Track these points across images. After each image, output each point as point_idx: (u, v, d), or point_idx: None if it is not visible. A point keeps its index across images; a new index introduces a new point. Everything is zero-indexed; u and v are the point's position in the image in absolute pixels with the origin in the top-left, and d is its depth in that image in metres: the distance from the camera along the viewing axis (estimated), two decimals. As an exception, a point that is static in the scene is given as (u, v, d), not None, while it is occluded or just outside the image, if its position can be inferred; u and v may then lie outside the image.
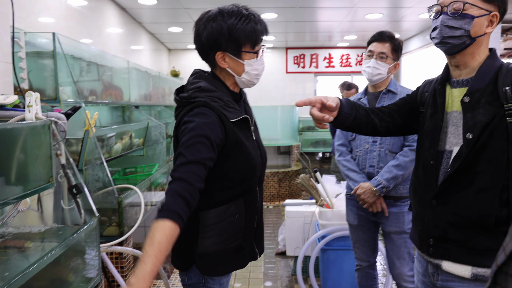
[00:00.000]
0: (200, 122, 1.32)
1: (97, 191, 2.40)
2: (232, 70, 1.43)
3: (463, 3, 1.31)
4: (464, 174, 1.32)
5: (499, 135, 1.26)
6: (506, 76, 1.28)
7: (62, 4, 3.20)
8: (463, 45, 1.34)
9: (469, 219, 1.31)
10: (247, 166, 1.43)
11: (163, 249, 1.15)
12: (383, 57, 2.25)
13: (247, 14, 1.39)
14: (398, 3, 4.82)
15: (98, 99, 2.89)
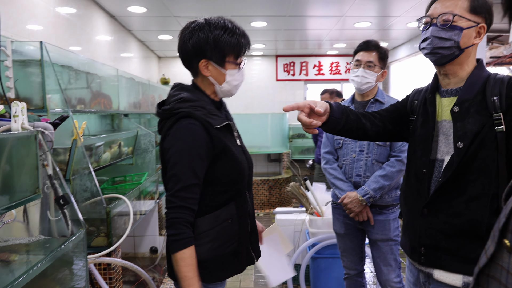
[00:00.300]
0: (187, 139, 1.36)
1: (85, 201, 2.37)
2: (214, 78, 1.47)
3: (452, 15, 1.34)
4: (456, 183, 1.33)
5: (489, 144, 1.28)
6: (494, 87, 1.31)
7: (50, 12, 3.18)
8: (452, 55, 1.37)
9: (461, 228, 1.32)
10: (236, 170, 1.46)
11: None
12: (370, 66, 2.27)
13: (232, 27, 1.44)
14: (386, 12, 4.87)
15: (86, 108, 2.86)
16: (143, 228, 3.96)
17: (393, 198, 2.31)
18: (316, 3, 4.45)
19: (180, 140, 1.36)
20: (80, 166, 2.31)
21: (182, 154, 1.36)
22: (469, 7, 1.35)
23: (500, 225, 0.73)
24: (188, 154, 1.35)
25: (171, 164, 1.37)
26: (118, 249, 2.60)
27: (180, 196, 1.35)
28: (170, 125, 1.40)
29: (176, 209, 1.35)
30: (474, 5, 1.35)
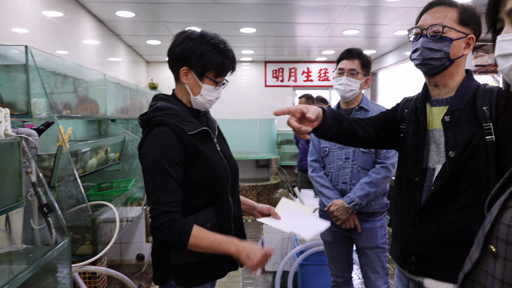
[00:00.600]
0: (159, 146, 1.41)
1: (70, 208, 2.33)
2: (190, 88, 1.51)
3: (442, 26, 1.36)
4: (447, 192, 1.34)
5: (479, 153, 1.30)
6: (484, 97, 1.33)
7: (36, 16, 3.14)
8: (443, 66, 1.39)
9: (452, 236, 1.33)
10: (211, 175, 1.48)
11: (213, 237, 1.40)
12: (353, 74, 2.29)
13: (222, 47, 1.49)
14: (374, 20, 4.92)
15: (72, 113, 2.82)
16: (130, 235, 3.91)
17: (379, 206, 2.32)
18: (305, 11, 4.47)
19: (152, 148, 1.41)
20: (65, 173, 2.28)
21: (157, 161, 1.40)
22: (458, 18, 1.37)
23: (485, 232, 0.74)
24: (162, 159, 1.39)
25: (147, 173, 1.42)
26: (104, 257, 2.56)
27: (163, 202, 1.38)
28: (145, 134, 1.45)
29: (161, 215, 1.37)
30: (463, 17, 1.37)
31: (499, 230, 0.70)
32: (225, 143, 1.68)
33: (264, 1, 4.04)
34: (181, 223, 1.37)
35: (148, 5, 4.16)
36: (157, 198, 1.38)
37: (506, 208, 0.71)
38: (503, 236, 0.69)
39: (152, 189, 1.40)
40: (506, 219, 0.69)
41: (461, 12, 1.37)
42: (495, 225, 0.72)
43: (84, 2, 4.08)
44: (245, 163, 7.52)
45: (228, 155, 1.62)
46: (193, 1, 4.03)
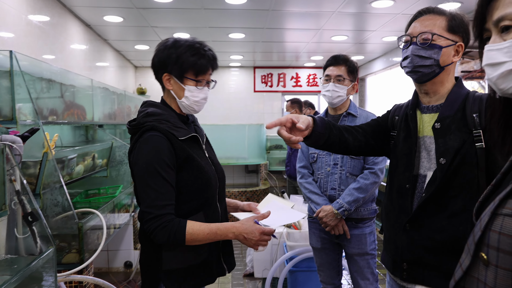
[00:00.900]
0: (151, 150, 1.42)
1: (56, 216, 2.28)
2: (174, 92, 1.54)
3: (431, 34, 1.38)
4: (438, 199, 1.35)
5: (469, 160, 1.31)
6: (474, 104, 1.34)
7: (21, 20, 3.09)
8: (433, 73, 1.40)
9: (443, 243, 1.33)
10: (201, 179, 1.49)
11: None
12: (340, 80, 2.30)
13: (198, 47, 1.51)
14: (362, 26, 4.96)
15: (59, 119, 2.78)
16: (118, 242, 3.86)
17: (368, 212, 2.32)
18: (294, 17, 4.49)
19: (145, 151, 1.42)
20: (51, 180, 2.23)
21: (149, 164, 1.40)
22: (447, 26, 1.39)
23: (476, 239, 0.74)
24: (155, 163, 1.40)
25: (140, 177, 1.42)
26: (91, 266, 2.51)
27: (157, 205, 1.38)
28: (136, 139, 1.46)
29: (155, 219, 1.37)
30: (451, 25, 1.39)
31: (490, 238, 0.70)
32: (212, 151, 1.71)
33: (252, 7, 4.05)
34: (175, 223, 1.38)
35: (136, 10, 4.13)
36: (151, 202, 1.39)
37: (496, 215, 0.71)
38: (494, 244, 0.69)
39: (146, 193, 1.40)
40: (497, 226, 0.69)
41: (450, 20, 1.39)
42: (486, 232, 0.72)
43: (71, 7, 4.04)
44: (234, 168, 7.49)
45: (216, 162, 1.64)
46: (181, 6, 4.02)
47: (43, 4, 3.49)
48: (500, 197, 0.71)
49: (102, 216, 2.42)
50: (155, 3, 3.88)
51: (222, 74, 7.88)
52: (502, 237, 0.67)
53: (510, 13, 0.73)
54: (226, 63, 7.60)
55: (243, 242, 1.44)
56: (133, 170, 1.47)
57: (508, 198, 0.70)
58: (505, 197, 0.70)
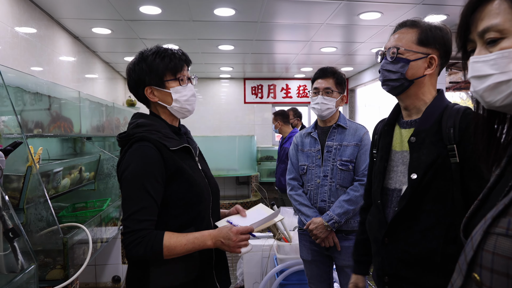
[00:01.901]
0: (139, 161, 1.37)
1: (40, 231, 2.23)
2: (162, 101, 1.50)
3: (396, 48, 1.40)
4: (412, 213, 1.35)
5: (443, 174, 1.30)
6: (450, 117, 1.33)
7: (7, 32, 3.06)
8: (402, 87, 1.42)
9: (418, 257, 1.33)
10: (193, 192, 1.44)
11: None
12: (328, 92, 2.31)
13: (163, 49, 1.50)
14: (351, 38, 5.00)
15: (44, 132, 2.74)
16: (105, 256, 3.78)
17: (358, 223, 2.31)
18: (283, 28, 4.51)
19: (133, 162, 1.37)
20: (35, 194, 2.18)
21: (135, 176, 1.35)
22: (417, 39, 1.40)
23: (468, 259, 0.71)
24: (142, 175, 1.35)
25: (125, 187, 1.38)
26: (76, 282, 2.45)
27: (135, 219, 1.33)
28: (125, 150, 1.41)
29: (131, 233, 1.32)
30: (421, 38, 1.40)
31: (483, 258, 0.68)
32: (206, 164, 1.66)
33: (241, 19, 4.06)
34: (151, 236, 1.32)
35: (124, 22, 4.12)
36: (130, 215, 1.33)
37: (489, 234, 0.68)
38: (488, 264, 0.66)
39: (128, 205, 1.35)
40: (490, 246, 0.67)
41: (421, 33, 1.40)
42: (479, 252, 0.69)
43: (59, 19, 4.01)
44: (225, 180, 7.45)
45: (210, 175, 1.59)
46: (170, 18, 4.02)
47: (30, 16, 3.46)
48: (493, 215, 0.69)
49: (87, 230, 2.37)
50: (143, 15, 3.87)
51: (212, 86, 7.88)
52: (496, 258, 0.65)
53: (496, 24, 0.72)
54: (216, 75, 7.60)
55: (223, 248, 1.41)
56: (120, 181, 1.42)
57: (501, 217, 0.67)
58: (498, 216, 0.68)
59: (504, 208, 0.68)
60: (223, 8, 3.73)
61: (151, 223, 1.35)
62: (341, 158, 2.27)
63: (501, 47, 0.71)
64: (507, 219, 0.66)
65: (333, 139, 2.32)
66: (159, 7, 3.69)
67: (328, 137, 2.33)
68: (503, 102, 0.72)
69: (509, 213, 0.66)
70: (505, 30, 0.71)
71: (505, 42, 0.71)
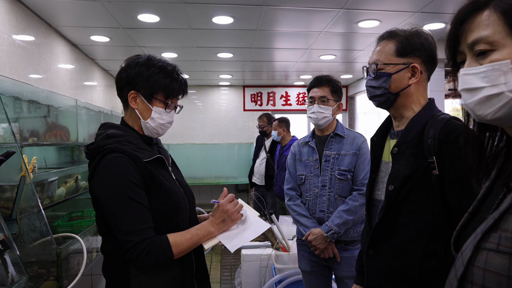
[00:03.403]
0: (115, 172, 1.30)
1: (34, 241, 2.20)
2: (139, 112, 1.45)
3: (376, 64, 1.39)
4: (391, 225, 1.33)
5: (423, 187, 1.27)
6: (432, 128, 1.30)
7: (4, 40, 3.05)
8: (389, 101, 1.40)
9: (397, 270, 1.31)
10: (171, 204, 1.39)
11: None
12: (324, 101, 2.29)
13: (170, 69, 1.45)
14: (349, 46, 5.00)
15: (40, 140, 2.71)
16: (102, 266, 3.74)
17: (358, 233, 2.28)
18: (281, 36, 4.50)
19: (109, 176, 1.30)
20: (28, 204, 2.15)
21: (118, 190, 1.29)
22: (395, 51, 1.38)
23: (459, 275, 0.69)
24: (123, 186, 1.29)
25: (110, 205, 1.30)
26: (70, 293, 2.41)
27: (135, 231, 1.27)
28: (96, 163, 1.33)
29: (137, 246, 1.26)
30: (399, 48, 1.38)
31: (473, 274, 0.66)
32: (179, 172, 1.62)
33: (239, 27, 4.05)
34: (157, 243, 1.29)
35: (122, 30, 4.11)
36: (128, 228, 1.27)
37: (479, 249, 0.66)
38: (479, 281, 0.64)
39: (120, 220, 1.29)
40: (481, 262, 0.65)
41: (399, 43, 1.38)
42: (469, 268, 0.67)
43: (57, 27, 4.00)
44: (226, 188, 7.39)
45: (184, 184, 1.55)
46: (168, 26, 4.01)
47: (27, 24, 3.45)
48: (483, 230, 0.67)
49: (82, 240, 2.33)
50: (142, 23, 3.86)
51: (212, 93, 7.87)
52: (487, 274, 0.63)
53: (486, 36, 0.70)
54: (215, 82, 7.59)
55: (227, 226, 1.44)
56: (98, 198, 1.34)
57: (491, 231, 0.65)
58: (488, 230, 0.66)
59: (494, 222, 0.66)
60: (222, 16, 3.72)
61: (151, 229, 1.31)
62: (340, 168, 2.24)
63: (491, 60, 0.70)
64: (497, 234, 0.64)
65: (331, 148, 2.29)
66: (157, 15, 3.68)
67: (326, 147, 2.30)
68: (494, 115, 0.70)
69: (500, 228, 0.64)
70: (495, 42, 0.69)
71: (495, 55, 0.70)
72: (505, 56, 0.68)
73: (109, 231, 1.37)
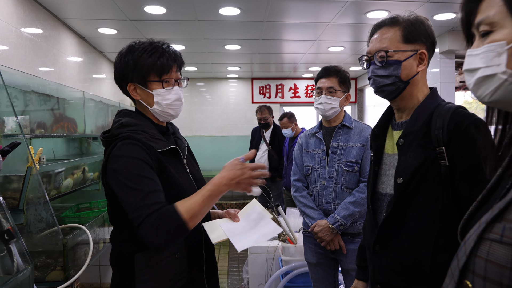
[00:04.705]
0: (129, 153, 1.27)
1: (41, 232, 2.22)
2: (144, 101, 1.42)
3: (385, 52, 1.32)
4: (400, 219, 1.29)
5: (432, 179, 1.23)
6: (439, 118, 1.25)
7: (12, 33, 3.06)
8: (398, 89, 1.34)
9: (408, 266, 1.27)
10: (179, 199, 1.31)
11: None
12: (332, 92, 2.25)
13: (155, 45, 1.40)
14: (358, 37, 4.94)
15: (47, 132, 2.73)
16: (110, 256, 3.77)
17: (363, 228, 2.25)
18: (289, 28, 4.46)
19: (121, 158, 1.27)
20: (35, 195, 2.17)
21: (128, 169, 1.25)
22: (402, 37, 1.33)
23: (460, 265, 0.67)
24: (134, 167, 1.25)
25: (119, 183, 1.26)
26: (77, 283, 2.44)
27: (144, 206, 1.21)
28: (110, 150, 1.32)
29: (145, 220, 1.20)
30: (406, 34, 1.32)
31: (475, 264, 0.64)
32: (195, 164, 1.57)
33: (246, 18, 4.02)
34: (166, 213, 1.21)
35: (129, 22, 4.11)
36: (138, 203, 1.21)
37: (482, 239, 0.64)
38: (480, 272, 0.62)
39: (130, 199, 1.23)
40: (483, 252, 0.63)
41: (404, 29, 1.32)
42: (471, 258, 0.65)
43: (65, 19, 4.02)
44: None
45: (198, 177, 1.50)
46: (174, 18, 3.99)
47: (35, 17, 3.46)
48: (487, 219, 0.64)
49: (88, 231, 2.35)
50: (148, 15, 3.86)
51: (220, 86, 7.86)
52: (489, 265, 0.61)
53: (487, 17, 0.69)
54: (223, 75, 7.58)
55: (238, 187, 1.32)
56: (110, 183, 1.31)
57: (495, 222, 0.63)
58: (492, 220, 0.63)
59: (499, 212, 0.63)
60: (228, 7, 3.69)
61: (161, 204, 1.24)
62: (347, 159, 2.21)
63: (490, 40, 0.69)
64: (502, 224, 0.62)
65: (338, 140, 2.26)
66: (164, 7, 3.67)
67: (333, 138, 2.27)
68: (491, 97, 0.69)
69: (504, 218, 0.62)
70: (494, 23, 0.69)
71: (494, 35, 0.69)
72: (501, 37, 0.67)
73: (119, 220, 1.36)
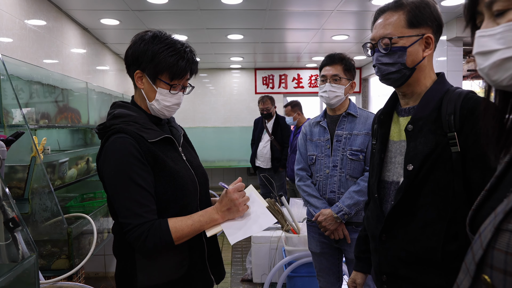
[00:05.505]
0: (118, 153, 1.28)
1: (45, 221, 2.24)
2: (145, 93, 1.41)
3: (389, 38, 1.29)
4: (409, 207, 1.26)
5: (443, 165, 1.20)
6: (450, 103, 1.23)
7: (15, 24, 3.06)
8: (404, 77, 1.31)
9: (417, 255, 1.24)
10: (176, 186, 1.35)
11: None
12: (336, 79, 2.22)
13: (179, 47, 1.36)
14: (362, 25, 4.89)
15: (51, 123, 2.75)
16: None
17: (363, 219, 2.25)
18: (292, 16, 4.43)
19: (112, 157, 1.29)
20: (39, 185, 2.19)
21: (118, 170, 1.27)
22: (406, 22, 1.29)
23: (477, 259, 0.63)
24: (125, 167, 1.26)
25: (111, 185, 1.30)
26: (82, 271, 2.47)
27: (135, 214, 1.25)
28: (103, 144, 1.34)
29: (134, 229, 1.25)
30: (411, 18, 1.29)
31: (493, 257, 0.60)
32: (193, 152, 1.57)
33: (249, 7, 3.99)
34: (156, 227, 1.26)
35: (132, 13, 4.10)
36: (127, 211, 1.26)
37: (501, 231, 0.60)
38: (500, 265, 0.59)
39: (120, 202, 1.27)
40: (503, 244, 0.59)
41: (409, 13, 1.28)
42: (489, 251, 0.61)
43: (67, 10, 4.01)
44: (236, 171, 7.44)
45: (196, 164, 1.50)
46: (176, 7, 3.98)
47: (38, 8, 3.46)
48: (505, 210, 0.61)
49: (92, 220, 2.37)
50: (150, 4, 3.84)
51: (223, 76, 7.84)
52: (509, 258, 0.57)
53: None
54: (226, 65, 7.55)
55: (231, 217, 1.37)
56: (103, 179, 1.34)
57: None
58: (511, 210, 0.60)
59: None
60: (231, -4, 3.67)
61: (152, 212, 1.28)
62: (351, 148, 2.19)
63: (509, 19, 0.64)
64: None
65: (343, 128, 2.24)
66: (166, -4, 3.65)
67: (338, 126, 2.25)
68: (510, 80, 0.64)
69: None
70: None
71: None
72: None
73: None
